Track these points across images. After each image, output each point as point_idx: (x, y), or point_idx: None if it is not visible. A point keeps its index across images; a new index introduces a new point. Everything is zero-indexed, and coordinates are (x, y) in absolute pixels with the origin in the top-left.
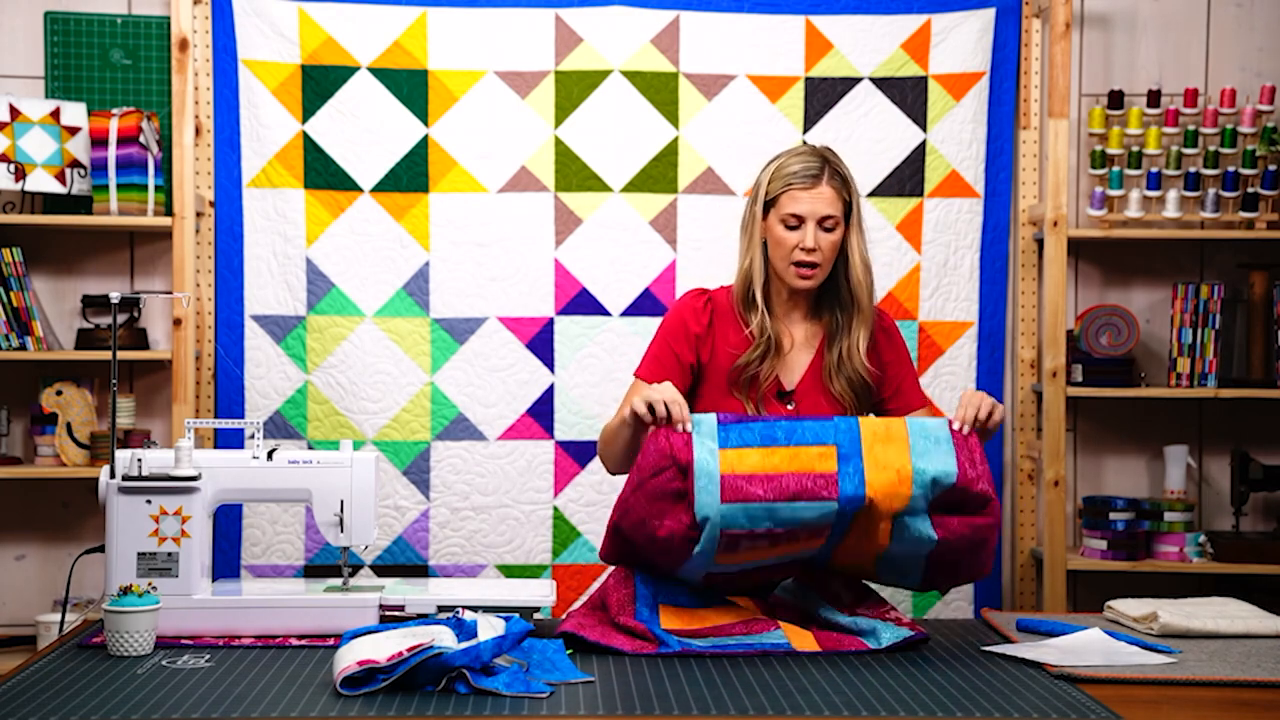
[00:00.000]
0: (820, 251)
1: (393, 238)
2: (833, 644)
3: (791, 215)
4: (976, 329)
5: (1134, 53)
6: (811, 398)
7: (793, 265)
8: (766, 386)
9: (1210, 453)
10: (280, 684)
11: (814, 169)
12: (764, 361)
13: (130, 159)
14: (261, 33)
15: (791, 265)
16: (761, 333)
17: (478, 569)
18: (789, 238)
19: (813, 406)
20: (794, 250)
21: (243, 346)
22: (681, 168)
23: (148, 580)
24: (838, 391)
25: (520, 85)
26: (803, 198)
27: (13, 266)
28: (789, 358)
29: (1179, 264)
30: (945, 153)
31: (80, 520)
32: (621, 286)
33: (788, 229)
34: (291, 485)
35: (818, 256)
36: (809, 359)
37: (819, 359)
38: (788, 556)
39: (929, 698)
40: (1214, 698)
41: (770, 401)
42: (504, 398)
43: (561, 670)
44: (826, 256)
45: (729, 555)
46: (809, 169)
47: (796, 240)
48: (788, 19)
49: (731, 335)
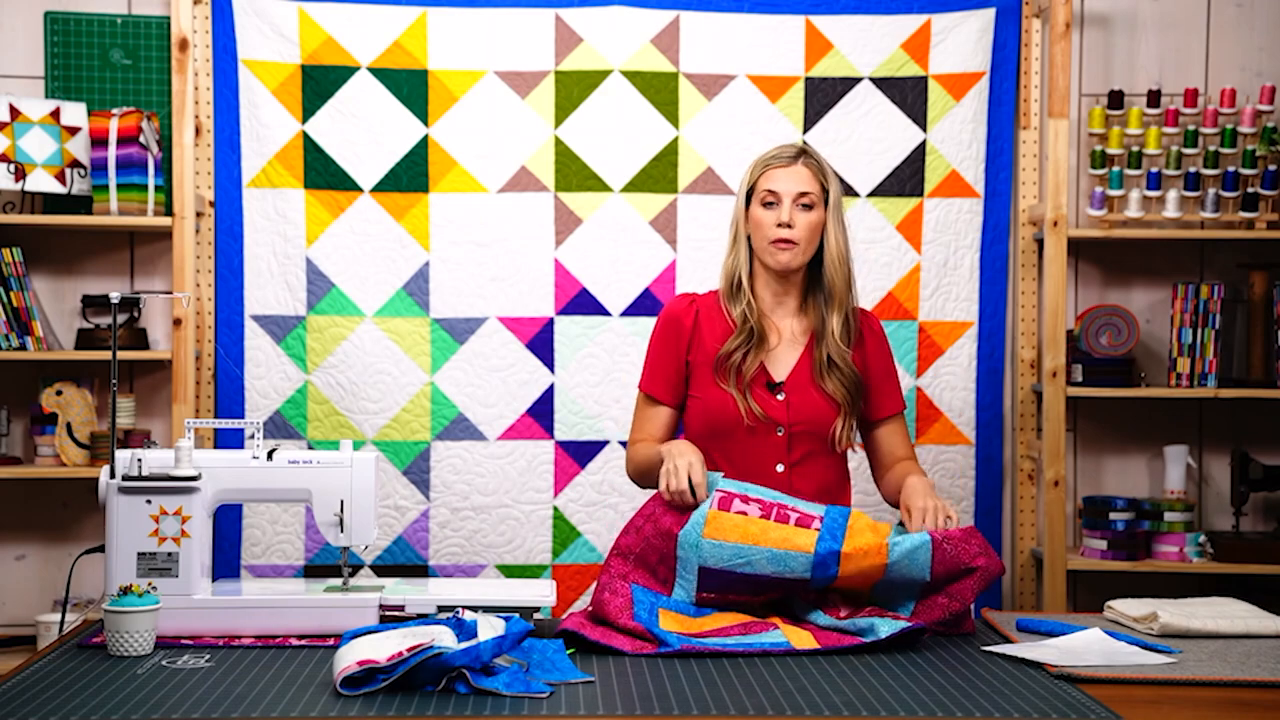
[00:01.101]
0: (798, 229)
1: (393, 238)
2: (832, 642)
3: (768, 191)
4: (976, 329)
5: (1134, 53)
6: (803, 392)
7: (770, 243)
8: (753, 375)
9: (1210, 453)
10: (280, 684)
11: (790, 151)
12: (747, 351)
13: (130, 159)
14: (261, 33)
15: (770, 243)
16: (744, 320)
17: (478, 569)
18: (767, 216)
19: (804, 399)
20: (772, 227)
21: (243, 346)
22: (681, 168)
23: (148, 580)
24: (830, 390)
25: (520, 85)
26: (778, 175)
27: (13, 266)
28: (776, 352)
29: (1179, 264)
30: (945, 153)
31: (80, 520)
32: (621, 286)
33: (765, 206)
34: (291, 485)
35: (795, 233)
36: (798, 354)
37: (809, 354)
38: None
39: (929, 698)
40: (1214, 698)
41: (759, 390)
42: (504, 398)
43: (561, 670)
44: (804, 235)
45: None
46: (784, 151)
47: (774, 218)
48: (788, 19)
49: (717, 328)
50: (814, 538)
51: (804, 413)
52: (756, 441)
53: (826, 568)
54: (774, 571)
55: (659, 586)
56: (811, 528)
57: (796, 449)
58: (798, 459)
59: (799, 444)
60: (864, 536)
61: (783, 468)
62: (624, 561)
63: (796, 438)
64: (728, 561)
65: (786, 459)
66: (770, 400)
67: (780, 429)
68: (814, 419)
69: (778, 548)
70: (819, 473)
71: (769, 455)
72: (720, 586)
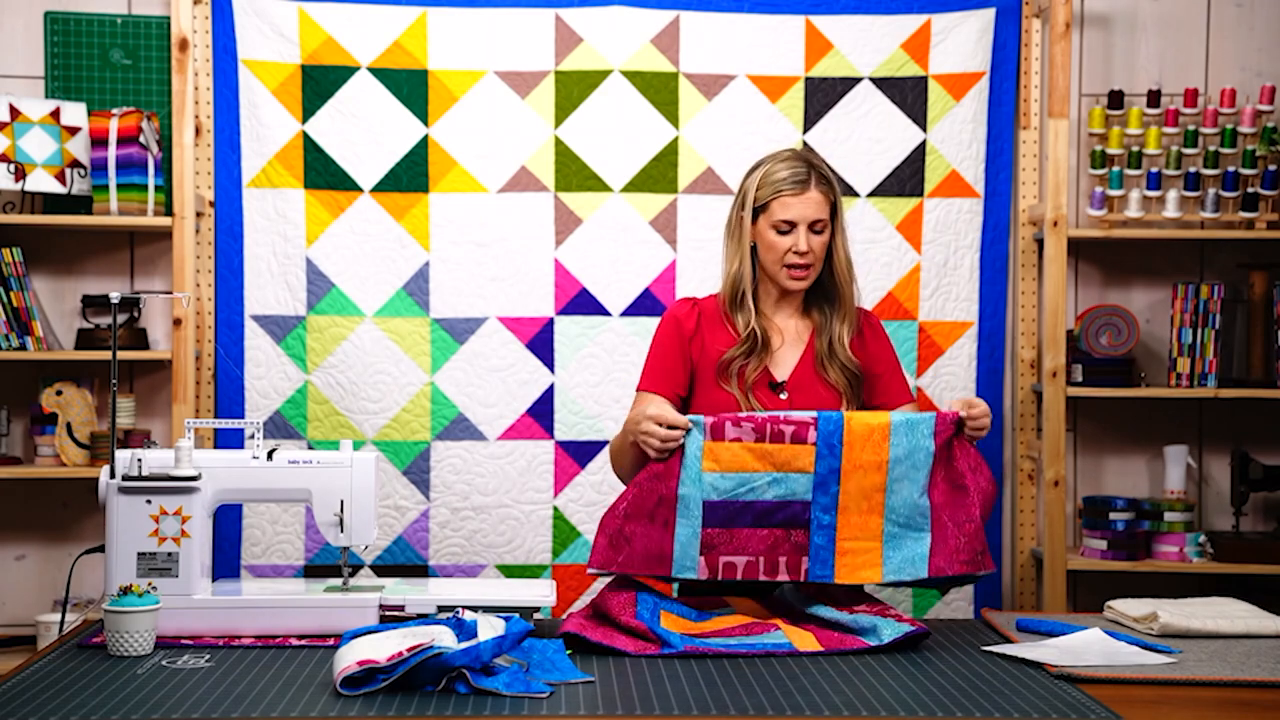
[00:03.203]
0: (812, 253)
1: (393, 238)
2: (834, 643)
3: (783, 221)
4: (976, 329)
5: (1134, 53)
6: (806, 388)
7: (785, 268)
8: (756, 377)
9: (1210, 453)
10: (280, 684)
11: (801, 174)
12: (750, 357)
13: (130, 159)
14: (261, 33)
15: (784, 268)
16: (747, 328)
17: (478, 569)
18: (781, 242)
19: (807, 396)
20: (787, 254)
21: (243, 346)
22: (681, 168)
23: (148, 580)
24: (833, 380)
25: (520, 85)
26: (793, 204)
27: (13, 266)
28: (779, 353)
29: (1179, 264)
30: (945, 153)
31: (80, 520)
32: (621, 286)
33: (779, 234)
34: (291, 485)
35: (810, 259)
36: (800, 352)
37: (810, 350)
38: (782, 487)
39: (929, 698)
40: (1214, 698)
41: (761, 390)
42: (504, 398)
43: (561, 670)
44: (818, 257)
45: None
46: (796, 175)
47: (789, 244)
48: (788, 19)
49: (720, 335)
50: (812, 455)
51: (807, 409)
52: None
53: (827, 487)
54: (776, 496)
55: (660, 531)
56: (808, 440)
57: None
58: None
59: None
60: (862, 448)
61: None
62: (617, 518)
63: None
64: (730, 492)
65: None
66: (774, 400)
67: None
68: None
69: (779, 470)
70: None
71: None
72: (725, 519)
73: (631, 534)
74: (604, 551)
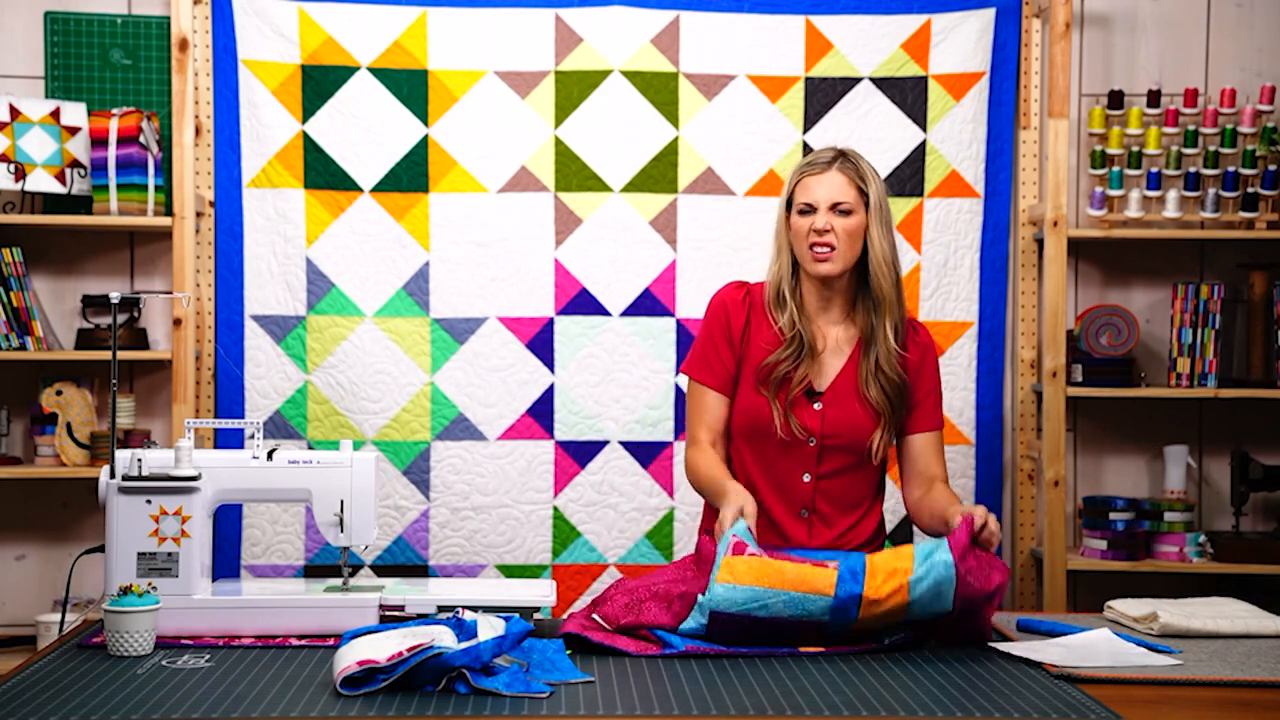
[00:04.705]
0: (834, 234)
1: (393, 238)
2: (835, 644)
3: (804, 203)
4: (976, 329)
5: (1134, 53)
6: (843, 403)
7: (810, 249)
8: (798, 389)
9: (1210, 453)
10: (280, 684)
11: (825, 157)
12: (797, 362)
13: (130, 159)
14: (261, 33)
15: (808, 249)
16: (791, 328)
17: (478, 569)
18: (803, 223)
19: (843, 410)
20: (809, 234)
21: (243, 346)
22: (681, 168)
23: (148, 580)
24: (873, 397)
25: (520, 85)
26: (812, 183)
27: (13, 266)
28: (822, 359)
29: (1179, 264)
30: (945, 153)
31: (80, 520)
32: (621, 286)
33: (800, 215)
34: (291, 485)
35: (830, 238)
36: (842, 363)
37: (854, 363)
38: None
39: (929, 698)
40: (1214, 698)
41: (798, 400)
42: (504, 398)
43: (561, 670)
44: (843, 240)
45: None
46: (820, 158)
47: (810, 224)
48: (788, 19)
49: (766, 331)
50: (833, 578)
51: (838, 426)
52: (788, 448)
53: (846, 611)
54: (791, 615)
55: (670, 619)
56: (829, 567)
57: (826, 462)
58: (826, 472)
59: (829, 457)
60: (884, 579)
61: (809, 478)
62: (641, 591)
63: (828, 450)
64: (741, 606)
65: (814, 470)
66: (807, 409)
67: (812, 439)
68: (848, 432)
69: (795, 590)
70: (846, 487)
71: (798, 464)
72: (733, 634)
73: (645, 608)
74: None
